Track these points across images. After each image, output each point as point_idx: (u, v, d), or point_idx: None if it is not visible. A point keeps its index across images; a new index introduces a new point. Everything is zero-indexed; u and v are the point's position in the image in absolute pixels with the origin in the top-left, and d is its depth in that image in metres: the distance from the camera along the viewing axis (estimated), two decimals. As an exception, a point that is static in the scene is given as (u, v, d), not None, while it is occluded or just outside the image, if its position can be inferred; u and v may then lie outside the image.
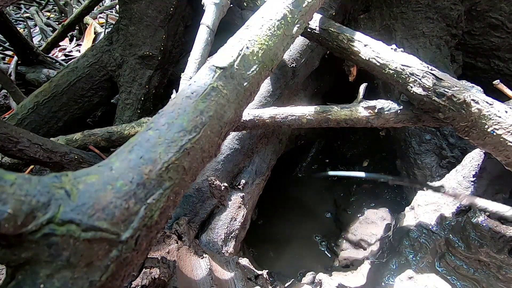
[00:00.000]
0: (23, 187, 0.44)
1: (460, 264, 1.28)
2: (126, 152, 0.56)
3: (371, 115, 1.23)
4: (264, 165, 1.76)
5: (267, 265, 1.85)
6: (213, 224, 1.48)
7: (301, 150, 2.58)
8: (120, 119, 1.95)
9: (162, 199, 0.56)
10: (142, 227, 0.53)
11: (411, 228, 1.45)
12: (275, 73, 1.69)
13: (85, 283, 0.46)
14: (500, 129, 1.05)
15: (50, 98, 1.92)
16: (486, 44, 1.87)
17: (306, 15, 1.01)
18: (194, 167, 0.64)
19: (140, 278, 0.95)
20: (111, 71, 2.00)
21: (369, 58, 1.19)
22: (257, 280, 1.32)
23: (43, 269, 0.44)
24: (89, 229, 0.46)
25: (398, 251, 1.45)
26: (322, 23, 1.33)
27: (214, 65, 0.74)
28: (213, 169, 1.55)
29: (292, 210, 2.30)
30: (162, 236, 1.20)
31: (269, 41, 0.85)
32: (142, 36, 1.90)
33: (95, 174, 0.52)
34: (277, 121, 1.38)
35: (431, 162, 1.75)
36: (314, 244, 2.05)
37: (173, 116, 0.63)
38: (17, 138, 1.25)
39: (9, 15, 4.51)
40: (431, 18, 1.75)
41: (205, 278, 1.14)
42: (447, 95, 1.07)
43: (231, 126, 0.75)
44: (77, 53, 3.46)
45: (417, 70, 1.11)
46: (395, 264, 1.42)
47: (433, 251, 1.37)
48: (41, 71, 2.65)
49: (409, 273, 1.36)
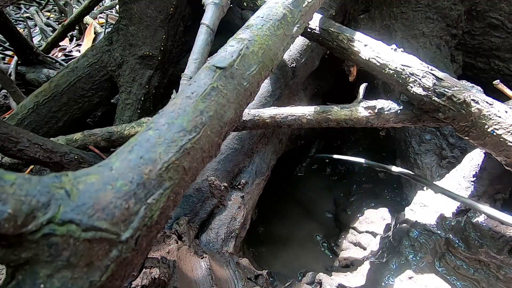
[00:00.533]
0: (23, 187, 0.44)
1: (460, 264, 1.28)
2: (126, 152, 0.56)
3: (371, 115, 1.23)
4: (264, 165, 1.76)
5: (267, 265, 1.85)
6: (213, 224, 1.48)
7: (301, 150, 2.59)
8: (120, 119, 1.95)
9: (162, 199, 0.56)
10: (142, 227, 0.53)
11: (411, 228, 1.45)
12: (275, 73, 1.69)
13: (85, 283, 0.46)
14: (500, 129, 1.05)
15: (50, 98, 1.92)
16: (486, 44, 1.87)
17: (306, 15, 1.01)
18: (194, 167, 0.64)
19: (140, 278, 0.95)
20: (111, 71, 2.00)
21: (369, 58, 1.19)
22: (257, 280, 1.32)
23: (43, 269, 0.44)
24: (89, 229, 0.46)
25: (398, 251, 1.45)
26: (322, 23, 1.33)
27: (214, 65, 0.74)
28: (213, 169, 1.55)
29: (292, 210, 2.30)
30: (162, 236, 1.20)
31: (269, 41, 0.85)
32: (142, 36, 1.90)
33: (95, 174, 0.52)
34: (277, 121, 1.38)
35: (431, 162, 1.75)
36: (314, 244, 2.05)
37: (173, 116, 0.63)
38: (17, 138, 1.25)
39: (9, 15, 4.51)
40: (431, 18, 1.75)
41: (205, 278, 1.14)
42: (447, 95, 1.07)
43: (231, 126, 0.75)
44: (77, 53, 3.46)
45: (417, 70, 1.11)
46: (395, 264, 1.42)
47: (433, 251, 1.37)
48: (41, 71, 2.65)
49: (409, 273, 1.36)
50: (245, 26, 0.87)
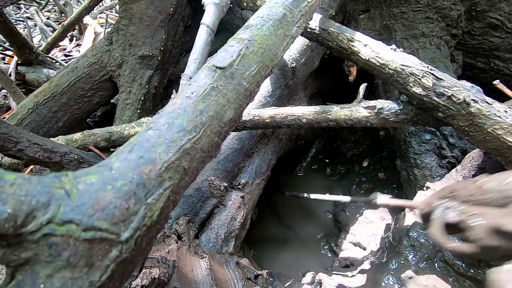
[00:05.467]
0: (23, 187, 0.44)
1: (460, 264, 1.28)
2: (126, 152, 0.56)
3: (371, 115, 1.24)
4: (264, 165, 1.76)
5: (267, 265, 1.85)
6: (213, 224, 1.48)
7: (301, 150, 2.59)
8: (120, 119, 1.95)
9: (162, 199, 0.56)
10: (142, 227, 0.53)
11: (411, 228, 1.45)
12: (275, 73, 1.69)
13: (85, 283, 0.46)
14: (500, 129, 1.05)
15: (50, 98, 1.92)
16: (486, 44, 1.88)
17: (306, 15, 1.01)
18: (194, 167, 0.64)
19: (140, 278, 0.95)
20: (111, 71, 2.00)
21: (369, 58, 1.19)
22: (257, 280, 1.32)
23: (43, 269, 0.44)
24: (89, 229, 0.46)
25: (398, 251, 1.45)
26: (322, 23, 1.33)
27: (214, 65, 0.74)
28: (213, 169, 1.55)
29: (292, 210, 2.30)
30: (162, 236, 1.20)
31: (269, 41, 0.85)
32: (142, 36, 1.90)
33: (95, 174, 0.52)
34: (277, 121, 1.38)
35: (431, 162, 1.75)
36: (314, 244, 2.05)
37: (173, 116, 0.63)
38: (17, 138, 1.25)
39: (9, 15, 4.51)
40: (431, 18, 1.75)
41: (205, 278, 1.14)
42: (447, 95, 1.07)
43: (231, 126, 0.75)
44: (77, 53, 3.46)
45: (417, 70, 1.11)
46: (395, 264, 1.42)
47: (433, 251, 1.37)
48: (41, 71, 2.65)
49: (409, 273, 1.36)
50: (245, 26, 0.87)
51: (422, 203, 1.07)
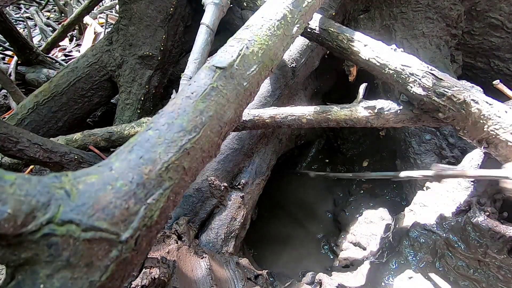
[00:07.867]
0: (23, 187, 0.44)
1: (460, 264, 1.28)
2: (126, 152, 0.56)
3: (371, 115, 1.23)
4: (264, 165, 1.76)
5: (267, 265, 1.85)
6: (213, 224, 1.48)
7: (301, 150, 2.58)
8: (120, 119, 1.95)
9: (162, 199, 0.56)
10: (142, 227, 0.53)
11: (411, 228, 1.45)
12: (275, 73, 1.69)
13: (85, 283, 0.46)
14: (500, 129, 1.05)
15: (50, 98, 1.92)
16: (486, 44, 1.87)
17: (306, 15, 1.01)
18: (194, 167, 0.64)
19: (140, 278, 0.95)
20: (111, 71, 2.00)
21: (369, 58, 1.19)
22: (257, 280, 1.32)
23: (43, 269, 0.44)
24: (89, 229, 0.46)
25: (398, 251, 1.45)
26: (322, 23, 1.33)
27: (214, 65, 0.74)
28: (213, 169, 1.55)
29: (292, 210, 2.30)
30: (162, 236, 1.20)
31: (269, 41, 0.85)
32: (142, 36, 1.90)
33: (95, 174, 0.52)
34: (277, 121, 1.38)
35: (431, 162, 1.75)
36: (314, 244, 2.05)
37: (173, 116, 0.63)
38: (17, 138, 1.25)
39: (9, 15, 4.51)
40: (431, 18, 1.75)
41: (205, 278, 1.14)
42: (447, 95, 1.07)
43: (231, 126, 0.75)
44: (77, 53, 3.46)
45: (417, 70, 1.11)
46: (395, 264, 1.42)
47: (433, 251, 1.37)
48: (41, 71, 2.65)
49: (409, 273, 1.36)
50: (245, 26, 0.87)
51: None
